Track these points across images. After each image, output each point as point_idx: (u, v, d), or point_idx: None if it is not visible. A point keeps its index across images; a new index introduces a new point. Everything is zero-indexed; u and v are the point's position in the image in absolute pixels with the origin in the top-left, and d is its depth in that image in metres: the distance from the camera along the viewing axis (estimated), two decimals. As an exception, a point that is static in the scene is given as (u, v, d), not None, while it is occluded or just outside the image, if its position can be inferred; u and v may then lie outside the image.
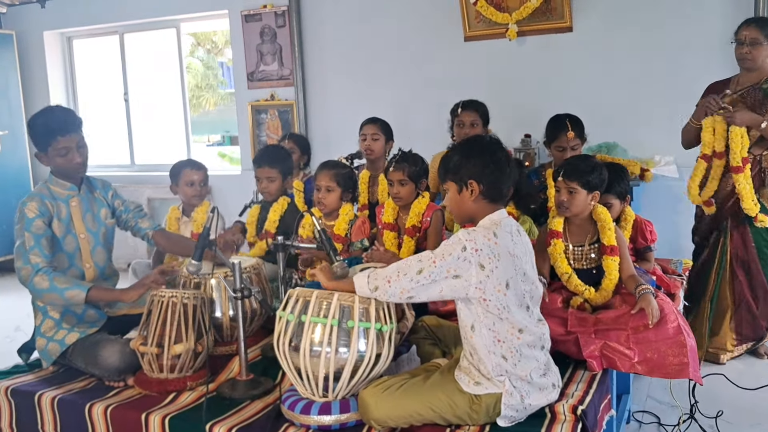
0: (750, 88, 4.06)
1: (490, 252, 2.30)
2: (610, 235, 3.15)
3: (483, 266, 2.28)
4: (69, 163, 3.14)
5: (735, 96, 4.08)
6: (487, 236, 2.32)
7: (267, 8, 6.78)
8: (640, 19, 5.47)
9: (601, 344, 2.81)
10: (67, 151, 3.11)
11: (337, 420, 2.39)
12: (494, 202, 2.47)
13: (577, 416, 2.39)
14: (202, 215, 4.11)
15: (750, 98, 4.04)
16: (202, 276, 3.08)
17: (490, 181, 2.44)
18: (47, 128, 3.09)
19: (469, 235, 2.31)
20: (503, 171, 2.47)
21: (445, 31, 6.11)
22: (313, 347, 2.37)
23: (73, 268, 3.19)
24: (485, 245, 2.30)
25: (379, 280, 2.39)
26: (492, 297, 2.30)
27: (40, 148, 3.13)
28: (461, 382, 2.39)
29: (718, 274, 4.21)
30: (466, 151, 2.52)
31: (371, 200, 4.53)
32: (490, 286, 2.29)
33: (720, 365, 4.22)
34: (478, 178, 2.45)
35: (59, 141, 3.08)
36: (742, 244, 4.16)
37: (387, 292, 2.37)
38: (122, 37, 7.93)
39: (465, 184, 2.47)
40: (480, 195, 2.45)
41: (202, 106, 24.19)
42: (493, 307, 2.31)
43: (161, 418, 2.54)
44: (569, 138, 3.94)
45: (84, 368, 2.96)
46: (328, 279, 2.57)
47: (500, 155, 2.52)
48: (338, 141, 6.33)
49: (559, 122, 4.01)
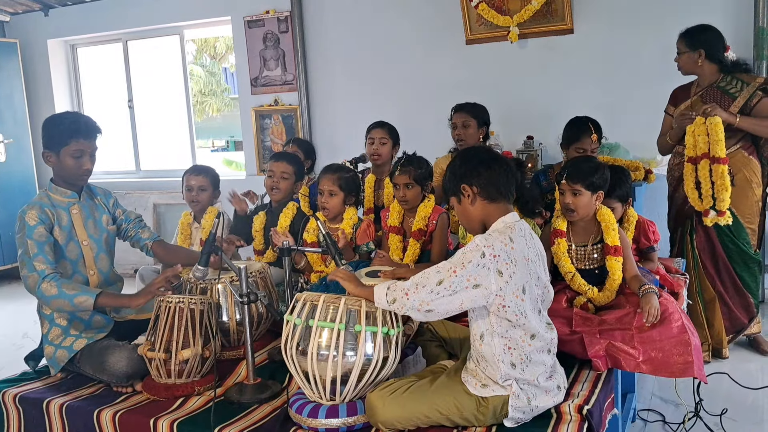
0: (707, 88, 4.30)
1: (507, 257, 2.29)
2: (613, 236, 3.16)
3: (501, 273, 2.27)
4: (78, 168, 3.15)
5: (694, 97, 4.34)
6: (504, 241, 2.31)
7: (269, 14, 6.82)
8: (640, 20, 5.50)
9: (606, 344, 2.81)
10: (81, 155, 3.13)
11: (344, 423, 2.39)
12: (495, 200, 2.46)
13: (582, 416, 2.40)
14: (210, 221, 4.11)
15: (710, 97, 4.27)
16: (209, 281, 3.10)
17: (481, 181, 2.45)
18: (71, 128, 3.11)
19: (486, 240, 2.31)
20: (491, 167, 2.48)
21: (447, 35, 6.14)
22: (321, 351, 2.38)
23: (77, 275, 3.19)
24: (503, 251, 2.29)
25: (398, 292, 2.37)
26: (511, 303, 2.30)
27: (53, 148, 3.12)
28: (468, 384, 2.40)
29: (694, 269, 4.32)
30: (452, 164, 2.59)
31: (377, 204, 4.53)
32: (509, 293, 2.29)
33: (723, 359, 4.27)
34: (467, 181, 2.47)
35: (79, 143, 3.10)
36: (708, 240, 4.32)
37: (405, 305, 2.35)
38: (126, 45, 7.98)
39: (460, 191, 2.50)
40: (478, 197, 2.47)
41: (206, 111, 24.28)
42: (511, 313, 2.30)
43: (169, 423, 2.55)
44: (592, 140, 3.97)
45: (92, 374, 2.97)
46: (355, 286, 2.54)
47: (485, 154, 2.55)
48: (342, 145, 6.36)
49: (582, 125, 4.03)
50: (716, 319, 4.30)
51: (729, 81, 4.24)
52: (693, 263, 4.32)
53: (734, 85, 4.22)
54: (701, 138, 4.03)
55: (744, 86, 4.18)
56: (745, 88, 4.18)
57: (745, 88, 4.18)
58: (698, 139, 4.05)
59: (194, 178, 4.23)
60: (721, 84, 4.25)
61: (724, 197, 4.04)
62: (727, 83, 4.24)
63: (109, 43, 8.12)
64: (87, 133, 3.14)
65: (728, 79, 4.25)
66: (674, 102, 4.49)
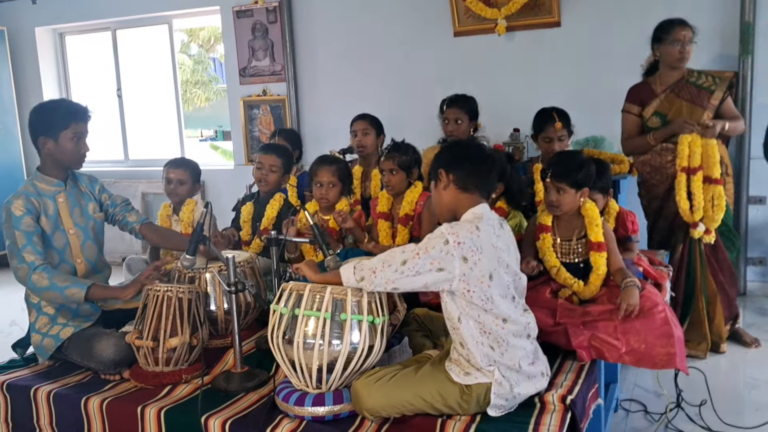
0: (677, 84, 4.27)
1: (473, 245, 2.33)
2: (597, 232, 3.18)
3: (466, 259, 2.32)
4: (78, 151, 3.18)
5: (669, 93, 4.28)
6: (470, 229, 2.36)
7: (258, 4, 6.80)
8: (627, 13, 5.53)
9: (589, 335, 2.83)
10: (80, 138, 3.16)
11: (330, 411, 2.41)
12: (467, 191, 2.51)
13: (566, 406, 2.42)
14: (188, 214, 4.10)
15: (685, 93, 4.25)
16: (197, 270, 3.10)
17: (460, 171, 2.50)
18: (68, 111, 3.14)
19: (451, 228, 2.36)
20: (474, 162, 2.53)
21: (435, 27, 6.16)
22: (307, 340, 2.40)
23: (64, 264, 3.19)
24: (468, 238, 2.33)
25: (365, 270, 2.43)
26: (476, 289, 2.34)
27: (50, 133, 3.11)
28: (452, 372, 2.42)
29: (701, 266, 4.29)
30: (441, 149, 2.69)
31: (364, 195, 4.55)
32: (474, 278, 2.33)
33: (721, 354, 4.28)
34: (446, 167, 2.53)
35: (78, 125, 3.14)
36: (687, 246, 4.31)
37: (372, 282, 2.40)
38: (114, 33, 7.94)
39: (437, 175, 2.55)
40: (453, 185, 2.51)
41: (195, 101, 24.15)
42: (477, 298, 2.35)
43: (157, 410, 2.57)
44: (557, 129, 4.03)
45: (80, 362, 2.98)
46: (314, 272, 2.62)
47: (473, 150, 2.60)
48: (330, 136, 6.37)
49: (546, 114, 4.11)
50: (717, 313, 4.29)
51: (698, 76, 4.26)
52: (700, 260, 4.27)
53: (705, 79, 4.25)
54: (698, 150, 4.04)
55: (716, 80, 4.23)
56: (717, 81, 4.22)
57: (717, 81, 4.22)
58: (695, 151, 4.05)
59: (173, 171, 4.20)
60: (690, 79, 4.26)
61: (717, 218, 4.10)
62: (696, 78, 4.26)
63: (97, 31, 8.07)
64: (84, 116, 3.18)
65: (696, 74, 4.27)
66: (637, 101, 4.39)
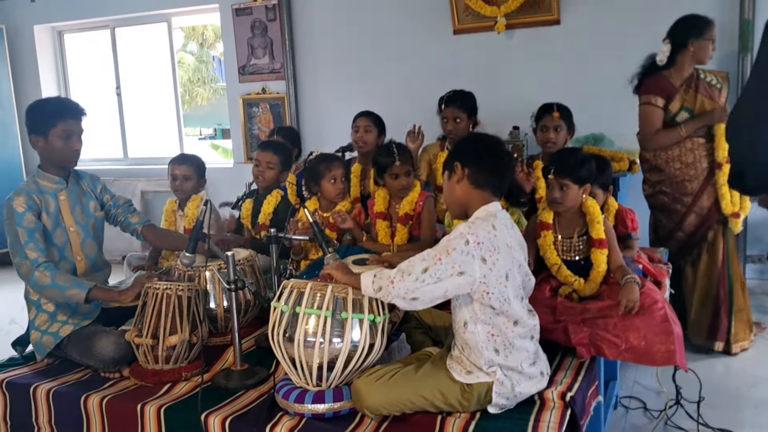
0: (690, 80, 4.25)
1: (491, 244, 2.32)
2: (598, 228, 3.18)
3: (485, 259, 2.30)
4: (68, 150, 3.15)
5: (686, 88, 4.24)
6: (487, 229, 2.34)
7: (257, 2, 6.81)
8: (627, 11, 5.53)
9: (589, 332, 2.83)
10: (70, 135, 3.14)
11: (330, 408, 2.41)
12: (479, 188, 2.48)
13: (565, 402, 2.43)
14: (194, 210, 4.11)
15: (702, 89, 4.23)
16: (196, 268, 3.11)
17: (475, 166, 2.48)
18: (57, 108, 3.13)
19: (470, 228, 2.33)
20: (492, 160, 2.51)
21: (435, 25, 6.16)
22: (307, 338, 2.40)
23: (64, 261, 3.19)
24: (486, 238, 2.32)
25: (384, 280, 2.37)
26: (495, 290, 2.32)
27: (40, 131, 3.12)
28: (453, 371, 2.42)
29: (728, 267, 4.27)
30: (461, 141, 2.66)
31: (363, 193, 4.55)
32: (493, 279, 2.32)
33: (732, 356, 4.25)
34: (462, 160, 2.50)
35: (67, 123, 3.12)
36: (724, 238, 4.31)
37: (390, 293, 2.35)
38: (113, 32, 7.94)
39: (453, 167, 2.52)
40: (466, 179, 2.49)
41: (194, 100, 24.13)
42: (495, 300, 2.33)
43: (157, 408, 2.57)
44: (554, 118, 4.10)
45: (79, 360, 2.98)
46: (343, 274, 2.52)
47: (494, 146, 2.58)
48: (329, 133, 6.37)
49: (547, 105, 4.22)
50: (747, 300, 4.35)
51: (705, 73, 4.27)
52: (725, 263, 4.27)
53: (711, 77, 4.27)
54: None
55: (718, 78, 4.26)
56: (720, 79, 4.26)
57: (720, 79, 4.26)
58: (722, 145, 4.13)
59: (179, 167, 4.22)
60: (700, 76, 4.25)
61: (748, 205, 4.21)
62: (704, 75, 4.26)
63: (96, 29, 8.07)
64: (74, 113, 3.16)
65: (702, 72, 4.27)
66: (663, 94, 4.25)
